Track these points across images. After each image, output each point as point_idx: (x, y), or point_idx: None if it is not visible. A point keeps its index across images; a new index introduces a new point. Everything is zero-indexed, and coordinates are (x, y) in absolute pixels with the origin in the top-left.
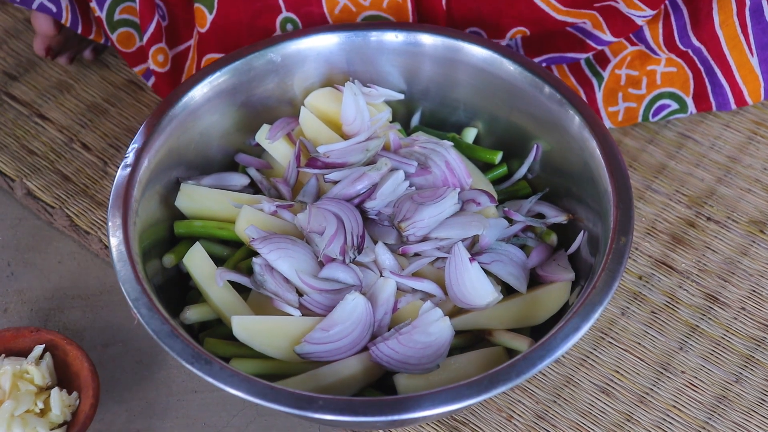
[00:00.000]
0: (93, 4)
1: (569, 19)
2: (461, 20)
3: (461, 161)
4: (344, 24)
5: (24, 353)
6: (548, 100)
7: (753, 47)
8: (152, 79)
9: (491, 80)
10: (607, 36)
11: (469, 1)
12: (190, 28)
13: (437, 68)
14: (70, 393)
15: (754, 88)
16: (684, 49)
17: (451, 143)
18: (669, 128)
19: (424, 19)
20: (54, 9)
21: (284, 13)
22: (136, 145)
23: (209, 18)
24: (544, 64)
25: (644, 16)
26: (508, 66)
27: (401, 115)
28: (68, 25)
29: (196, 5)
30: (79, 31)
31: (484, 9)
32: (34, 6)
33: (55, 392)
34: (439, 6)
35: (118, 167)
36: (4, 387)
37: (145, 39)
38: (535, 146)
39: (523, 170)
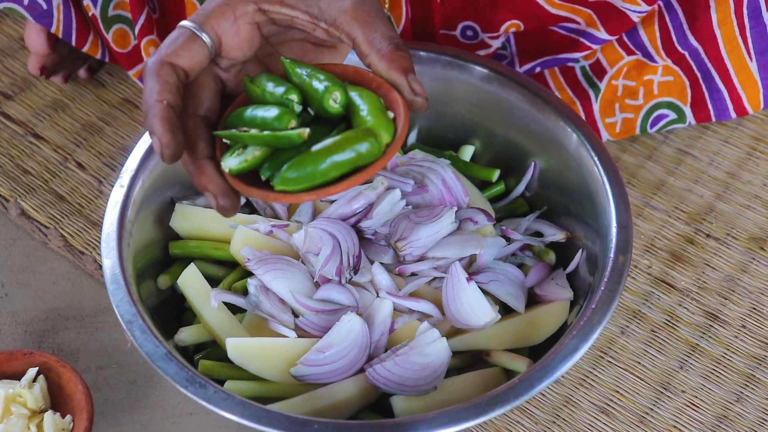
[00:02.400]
0: (87, 1)
1: (563, 13)
2: (455, 13)
3: (458, 179)
4: None
5: (17, 376)
6: (546, 117)
7: (752, 51)
8: None
9: (488, 97)
10: (602, 33)
11: None
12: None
13: (434, 85)
14: (63, 416)
15: (753, 94)
16: (682, 51)
17: (448, 161)
18: (668, 144)
19: (418, 12)
20: (45, 6)
21: None
22: (130, 165)
23: None
24: (538, 69)
25: (639, 12)
26: (506, 83)
27: None
28: (60, 35)
29: None
30: (73, 42)
31: (479, 1)
32: (25, 2)
33: (49, 416)
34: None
35: (113, 186)
36: None
37: (136, 30)
38: (533, 164)
39: (520, 188)
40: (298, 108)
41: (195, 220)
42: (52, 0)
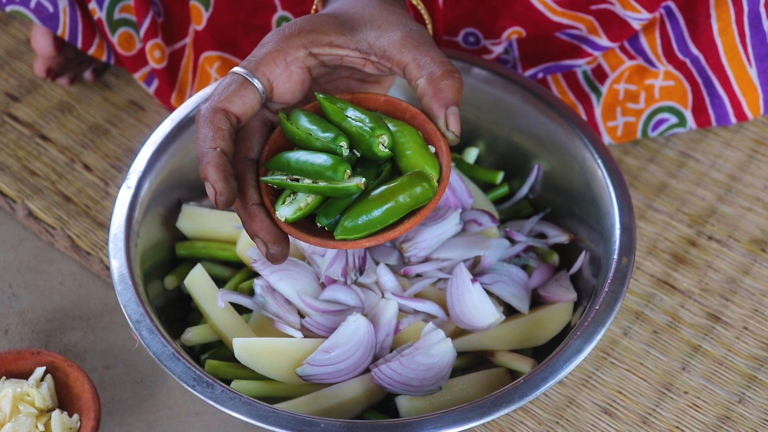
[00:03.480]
0: (93, 5)
1: (565, 21)
2: (457, 20)
3: (462, 181)
4: None
5: (25, 375)
6: (550, 120)
7: (751, 58)
8: (154, 84)
9: (492, 100)
10: (603, 40)
11: (466, 1)
12: (186, 26)
13: None
14: (71, 415)
15: (752, 100)
16: (683, 58)
17: (453, 163)
18: (669, 147)
19: (421, 18)
20: (51, 9)
21: (279, 12)
22: (137, 167)
23: (205, 15)
24: (540, 75)
25: (641, 19)
26: (509, 86)
27: None
28: (67, 38)
29: (192, 2)
30: (79, 45)
31: (480, 8)
32: (32, 5)
33: (56, 415)
34: (436, 4)
35: (119, 188)
36: (4, 410)
37: (141, 33)
38: (537, 166)
39: (524, 190)
40: (347, 152)
41: (201, 221)
42: (58, 3)
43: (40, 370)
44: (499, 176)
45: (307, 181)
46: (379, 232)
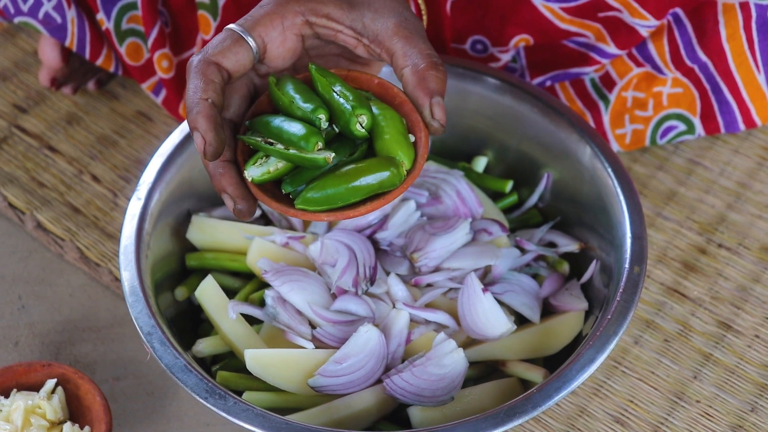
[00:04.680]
0: (100, 16)
1: (572, 29)
2: (465, 27)
3: (472, 190)
4: None
5: (36, 387)
6: (559, 128)
7: (760, 64)
8: (162, 94)
9: (501, 109)
10: (611, 48)
11: (473, 8)
12: (194, 36)
13: (447, 97)
14: (82, 427)
15: (761, 106)
16: (691, 65)
17: (462, 172)
18: (678, 154)
19: (429, 26)
20: (59, 20)
21: None
22: (147, 178)
23: (213, 25)
24: (548, 83)
25: (649, 26)
26: (518, 95)
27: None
28: (74, 49)
29: (200, 12)
30: (87, 55)
31: (487, 16)
32: (40, 16)
33: (68, 427)
34: (444, 11)
35: (127, 199)
36: (16, 422)
37: (149, 44)
38: (546, 175)
39: (534, 199)
40: (324, 125)
41: (211, 232)
42: (66, 14)
43: (51, 382)
44: (509, 185)
45: (280, 147)
46: (339, 209)
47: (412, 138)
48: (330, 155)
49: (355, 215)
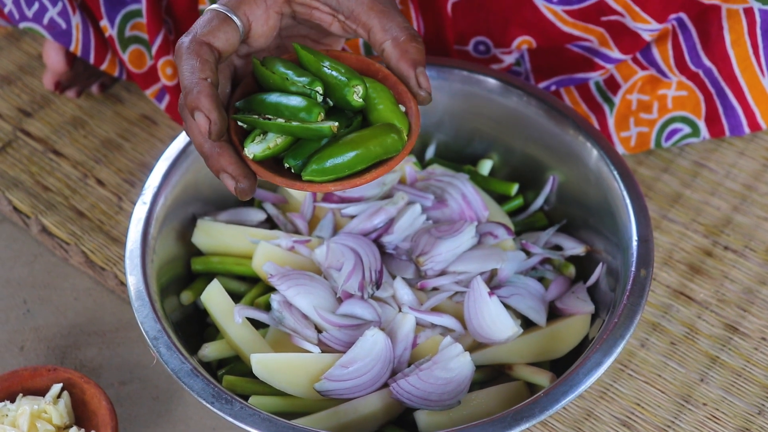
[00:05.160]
0: (104, 22)
1: (575, 32)
2: (467, 28)
3: (477, 194)
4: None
5: (41, 392)
6: (564, 131)
7: (765, 68)
8: (165, 101)
9: (506, 112)
10: (615, 53)
11: (475, 9)
12: None
13: (452, 100)
14: None
15: (766, 110)
16: (695, 70)
17: (467, 176)
18: (683, 157)
19: (431, 26)
20: (64, 26)
21: None
22: (152, 182)
23: None
24: (553, 88)
25: (651, 30)
26: (523, 97)
27: (416, 148)
28: (79, 54)
29: None
30: (92, 60)
31: (490, 17)
32: (45, 22)
33: (74, 431)
34: (445, 12)
35: (132, 203)
36: (22, 427)
37: (153, 51)
38: (552, 178)
39: (539, 202)
40: (320, 99)
41: (217, 235)
42: (71, 20)
43: (57, 387)
44: (514, 188)
45: (281, 121)
46: (346, 177)
47: (402, 108)
48: (335, 124)
49: (362, 182)
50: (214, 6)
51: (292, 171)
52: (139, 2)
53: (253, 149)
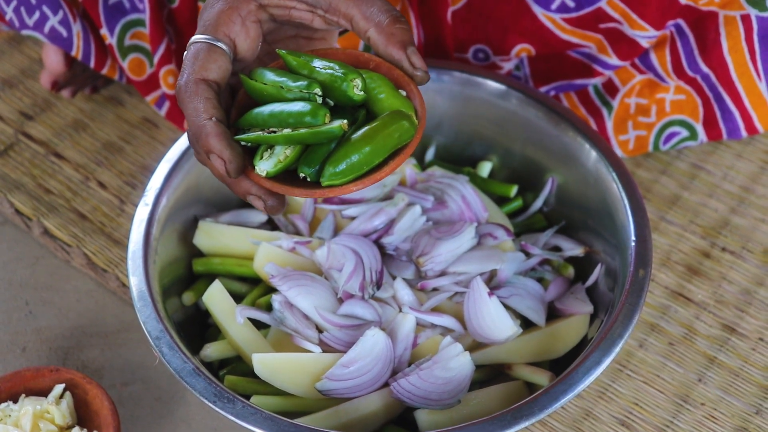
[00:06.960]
0: (104, 31)
1: (574, 40)
2: (467, 36)
3: (477, 195)
4: None
5: (44, 393)
6: (563, 133)
7: (761, 73)
8: (165, 107)
9: (505, 114)
10: (613, 60)
11: (474, 17)
12: None
13: (451, 102)
14: None
15: (763, 113)
16: (692, 75)
17: (467, 177)
18: (681, 159)
19: (430, 35)
20: (65, 34)
21: None
22: (154, 184)
23: None
24: (552, 93)
25: (649, 37)
26: (523, 100)
27: (416, 150)
28: (80, 58)
29: None
30: (92, 65)
31: (489, 25)
32: (46, 30)
33: None
34: (444, 20)
35: (134, 205)
36: (24, 428)
37: (155, 60)
38: (551, 179)
39: (538, 203)
40: (320, 100)
41: (218, 237)
42: (72, 28)
43: (59, 388)
44: (513, 190)
45: (287, 131)
46: (365, 174)
47: (403, 93)
48: (344, 122)
49: (383, 176)
50: (194, 38)
51: (308, 179)
52: (139, 12)
53: (264, 166)
